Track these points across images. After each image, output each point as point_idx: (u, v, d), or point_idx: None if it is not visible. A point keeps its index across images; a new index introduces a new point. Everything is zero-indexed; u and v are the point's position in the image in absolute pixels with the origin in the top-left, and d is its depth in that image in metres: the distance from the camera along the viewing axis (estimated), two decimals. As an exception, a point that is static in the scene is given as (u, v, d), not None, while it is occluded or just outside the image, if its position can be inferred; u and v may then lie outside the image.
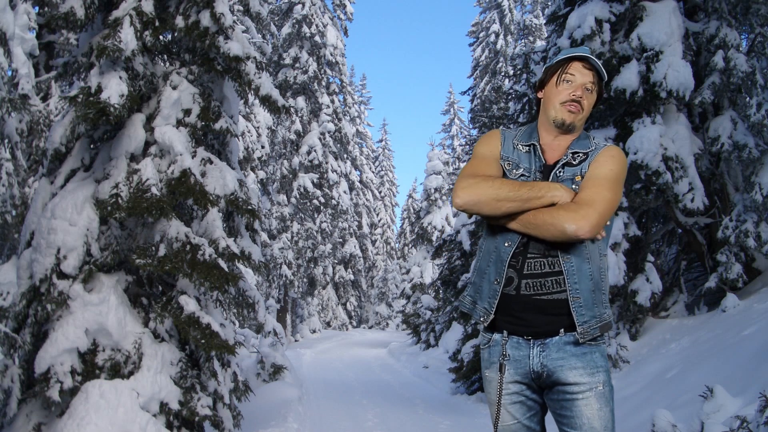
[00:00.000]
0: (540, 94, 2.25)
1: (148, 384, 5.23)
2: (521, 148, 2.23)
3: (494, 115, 14.07)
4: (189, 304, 5.46)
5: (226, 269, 5.51)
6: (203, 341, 5.41)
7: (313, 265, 26.37)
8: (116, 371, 5.30)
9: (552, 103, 2.18)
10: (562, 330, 2.08)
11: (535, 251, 2.10)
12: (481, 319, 2.18)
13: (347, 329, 33.26)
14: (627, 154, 8.53)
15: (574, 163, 2.15)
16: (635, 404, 6.41)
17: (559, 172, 2.14)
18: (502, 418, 2.15)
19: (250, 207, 6.01)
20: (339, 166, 26.06)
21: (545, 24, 16.18)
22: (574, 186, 2.11)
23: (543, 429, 2.23)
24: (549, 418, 2.23)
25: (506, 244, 2.13)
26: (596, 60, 2.20)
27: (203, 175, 5.71)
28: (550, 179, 2.14)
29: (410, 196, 42.90)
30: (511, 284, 2.12)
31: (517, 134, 2.28)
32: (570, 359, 2.07)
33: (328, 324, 32.34)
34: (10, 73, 6.12)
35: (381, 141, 47.01)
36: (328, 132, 25.16)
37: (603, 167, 2.12)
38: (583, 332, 2.06)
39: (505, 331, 2.14)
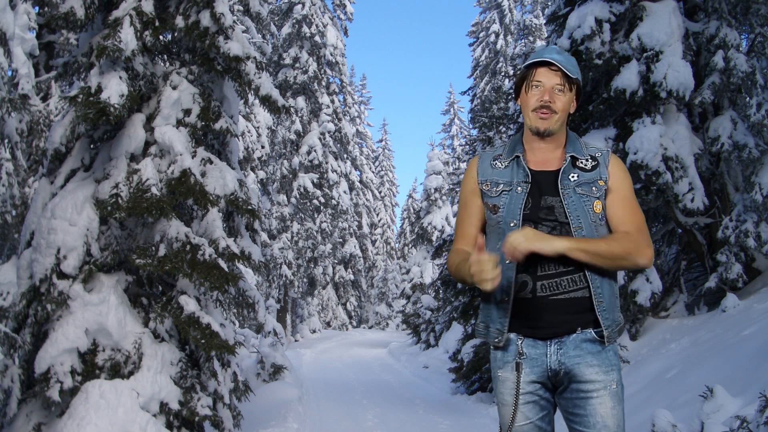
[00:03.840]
0: (518, 102, 2.26)
1: (148, 384, 5.23)
2: (500, 165, 2.24)
3: (494, 115, 14.06)
4: (189, 304, 5.46)
5: (226, 269, 5.52)
6: (203, 341, 5.41)
7: (313, 265, 26.37)
8: (116, 371, 5.30)
9: (526, 112, 2.19)
10: (579, 327, 2.09)
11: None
12: (496, 340, 2.17)
13: (347, 329, 33.26)
14: (627, 154, 8.54)
15: (587, 168, 2.18)
16: (635, 404, 6.40)
17: (573, 176, 2.16)
18: (518, 418, 2.12)
19: (250, 207, 6.01)
20: (339, 166, 26.06)
21: (545, 24, 16.19)
22: (594, 189, 2.14)
23: (553, 429, 2.22)
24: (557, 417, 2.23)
25: (507, 261, 2.12)
26: (560, 57, 2.16)
27: (203, 175, 5.71)
28: (560, 184, 2.14)
29: (410, 196, 42.89)
30: (526, 288, 2.12)
31: (503, 150, 2.28)
32: (587, 356, 2.08)
33: (328, 324, 32.34)
34: (10, 73, 6.12)
35: (381, 141, 47.02)
36: (328, 132, 25.16)
37: (628, 187, 2.20)
38: (608, 336, 2.09)
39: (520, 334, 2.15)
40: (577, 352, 2.08)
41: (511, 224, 2.14)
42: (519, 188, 2.17)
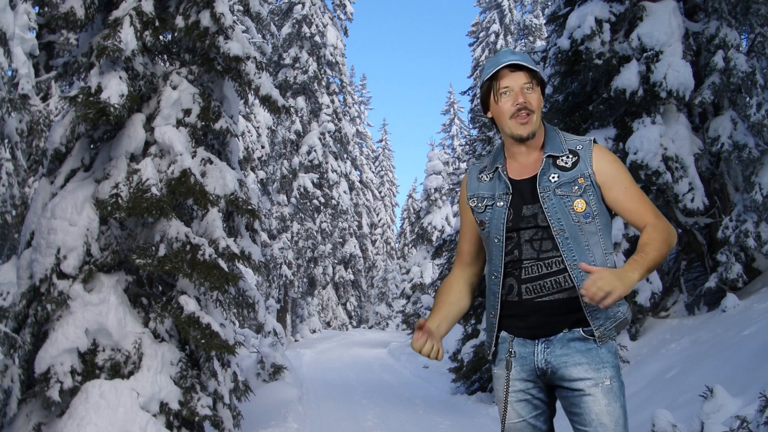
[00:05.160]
0: (489, 115, 2.23)
1: (148, 384, 5.23)
2: (485, 178, 2.25)
3: (494, 115, 14.04)
4: (189, 304, 5.46)
5: (226, 269, 5.52)
6: (203, 341, 5.41)
7: (313, 265, 26.36)
8: (116, 371, 5.30)
9: (503, 121, 2.16)
10: (566, 328, 2.10)
11: (528, 257, 2.12)
12: (487, 352, 2.24)
13: (347, 329, 33.25)
14: (627, 154, 8.54)
15: (567, 166, 2.14)
16: (635, 404, 6.40)
17: (552, 177, 2.12)
18: (509, 416, 2.15)
19: (250, 207, 6.01)
20: (339, 166, 26.06)
21: (545, 24, 16.19)
22: (575, 188, 2.11)
23: (550, 429, 2.22)
24: (559, 418, 2.23)
25: (493, 277, 2.18)
26: (517, 57, 2.13)
27: (203, 175, 5.71)
28: (539, 188, 2.12)
29: (410, 196, 42.86)
30: (513, 291, 2.14)
31: (487, 162, 2.28)
32: (574, 355, 2.08)
33: (328, 324, 32.33)
34: (10, 73, 6.12)
35: (381, 141, 47.00)
36: (328, 132, 25.16)
37: (620, 173, 2.16)
38: (600, 335, 2.08)
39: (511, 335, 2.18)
40: (564, 351, 2.09)
41: (496, 240, 2.16)
42: (500, 202, 2.17)
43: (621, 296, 1.92)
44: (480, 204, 2.22)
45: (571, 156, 2.15)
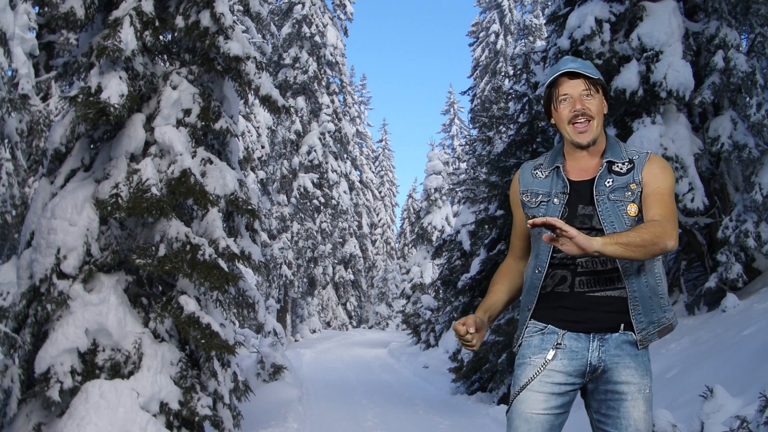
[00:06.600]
0: (552, 121, 2.27)
1: (148, 384, 5.23)
2: (541, 175, 2.26)
3: (494, 115, 14.09)
4: (189, 304, 5.46)
5: (226, 269, 5.52)
6: (203, 341, 5.41)
7: (313, 265, 26.36)
8: (116, 371, 5.30)
9: (563, 127, 2.20)
10: (622, 325, 2.11)
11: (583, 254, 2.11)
12: (514, 344, 2.24)
13: (347, 329, 33.25)
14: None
15: (622, 171, 2.17)
16: (635, 404, 6.39)
17: (608, 182, 2.15)
18: (533, 404, 2.09)
19: (250, 207, 6.01)
20: (339, 166, 26.06)
21: (545, 24, 16.18)
22: (628, 193, 2.13)
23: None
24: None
25: (536, 271, 2.18)
26: (576, 65, 2.18)
27: (203, 175, 5.71)
28: (595, 192, 2.14)
29: (410, 196, 42.89)
30: (565, 282, 2.14)
31: (544, 160, 2.31)
32: (625, 358, 2.10)
33: (328, 324, 32.34)
34: (10, 73, 6.12)
35: (381, 141, 47.01)
36: (328, 132, 25.16)
37: (662, 181, 2.15)
38: (641, 339, 2.11)
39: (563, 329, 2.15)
40: (617, 352, 2.10)
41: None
42: (556, 199, 2.19)
43: (578, 244, 1.89)
44: (533, 200, 2.24)
45: (627, 163, 2.19)
